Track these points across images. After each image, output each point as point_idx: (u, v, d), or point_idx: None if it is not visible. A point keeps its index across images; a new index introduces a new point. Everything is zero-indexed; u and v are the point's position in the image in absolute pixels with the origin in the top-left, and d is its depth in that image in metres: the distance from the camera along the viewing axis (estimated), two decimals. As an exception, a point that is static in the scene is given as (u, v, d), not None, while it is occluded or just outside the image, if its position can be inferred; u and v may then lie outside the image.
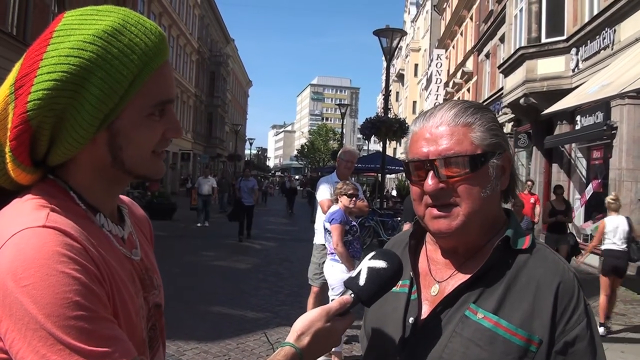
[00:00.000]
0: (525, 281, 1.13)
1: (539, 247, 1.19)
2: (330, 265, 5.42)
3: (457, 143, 1.14)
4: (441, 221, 1.15)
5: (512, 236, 1.16)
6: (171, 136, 1.05)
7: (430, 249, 1.29)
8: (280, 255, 12.84)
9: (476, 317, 1.11)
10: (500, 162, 1.18)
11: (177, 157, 38.06)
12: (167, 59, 1.03)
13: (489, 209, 1.17)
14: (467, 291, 1.14)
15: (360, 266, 1.14)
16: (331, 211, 5.39)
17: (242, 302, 7.98)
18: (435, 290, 1.21)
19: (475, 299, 1.13)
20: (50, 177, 1.02)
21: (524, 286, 1.12)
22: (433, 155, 1.15)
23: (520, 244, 1.18)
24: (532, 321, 1.09)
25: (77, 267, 0.88)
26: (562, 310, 1.10)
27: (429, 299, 1.21)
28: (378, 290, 1.11)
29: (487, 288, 1.13)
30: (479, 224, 1.17)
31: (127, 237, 1.11)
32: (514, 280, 1.13)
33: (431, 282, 1.23)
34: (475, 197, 1.14)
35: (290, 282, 9.58)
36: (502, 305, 1.11)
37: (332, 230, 5.29)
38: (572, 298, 1.11)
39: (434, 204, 1.16)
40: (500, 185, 1.19)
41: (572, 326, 1.09)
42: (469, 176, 1.13)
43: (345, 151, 6.33)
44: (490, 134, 1.16)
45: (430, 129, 1.17)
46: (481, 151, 1.14)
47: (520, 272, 1.14)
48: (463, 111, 1.17)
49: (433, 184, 1.14)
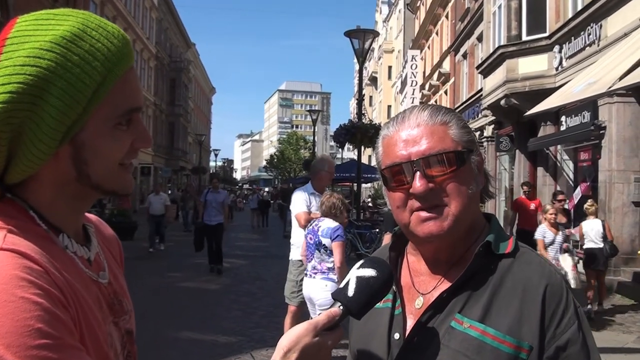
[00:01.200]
0: (511, 286, 1.15)
1: (523, 251, 1.22)
2: (324, 284, 5.36)
3: (440, 141, 1.17)
4: (431, 223, 1.17)
5: (493, 241, 1.19)
6: (140, 146, 1.05)
7: (412, 260, 1.32)
8: (252, 274, 12.82)
9: (462, 327, 1.14)
10: (477, 157, 1.22)
11: (136, 171, 37.58)
12: (132, 64, 1.03)
13: (475, 209, 1.22)
14: (451, 300, 1.17)
15: (349, 276, 1.14)
16: (332, 227, 5.35)
17: (214, 326, 7.91)
18: (419, 303, 1.24)
19: (460, 309, 1.16)
20: (8, 196, 1.00)
21: (510, 291, 1.15)
22: (416, 156, 1.17)
23: (503, 249, 1.20)
24: (521, 327, 1.11)
25: (38, 291, 0.86)
26: (551, 314, 1.12)
27: (414, 313, 1.23)
28: (368, 301, 1.11)
29: (472, 296, 1.16)
30: (467, 223, 1.20)
31: (94, 259, 1.10)
32: (498, 286, 1.16)
33: (415, 295, 1.26)
34: (464, 194, 1.17)
35: (264, 302, 9.55)
36: (488, 313, 1.14)
37: (335, 247, 5.27)
38: (560, 301, 1.13)
39: (422, 207, 1.17)
40: (481, 182, 1.23)
41: (562, 330, 1.12)
42: (456, 174, 1.17)
43: (326, 160, 6.40)
44: (466, 131, 1.21)
45: (407, 130, 1.20)
46: (462, 147, 1.18)
47: (504, 277, 1.17)
48: (436, 111, 1.21)
49: (422, 185, 1.15)
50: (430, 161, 1.16)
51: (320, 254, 5.38)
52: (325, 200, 5.48)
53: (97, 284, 1.06)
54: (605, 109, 11.54)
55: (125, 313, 1.13)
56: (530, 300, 1.13)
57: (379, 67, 61.84)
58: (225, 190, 18.90)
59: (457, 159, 1.17)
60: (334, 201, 5.41)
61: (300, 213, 5.99)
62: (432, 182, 1.16)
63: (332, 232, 5.29)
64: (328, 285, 5.31)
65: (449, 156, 1.16)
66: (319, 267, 5.40)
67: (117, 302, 1.11)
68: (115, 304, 1.10)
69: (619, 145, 11.31)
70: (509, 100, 15.26)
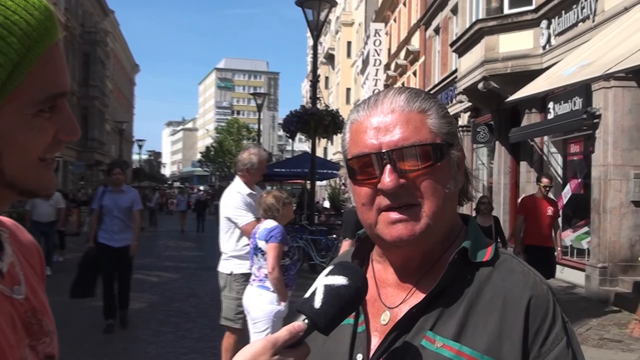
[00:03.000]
0: (490, 298, 1.18)
1: (504, 258, 1.25)
2: (258, 293, 5.51)
3: (415, 131, 1.19)
4: (401, 226, 1.19)
5: (470, 247, 1.22)
6: (66, 138, 1.04)
7: (378, 268, 1.34)
8: (184, 290, 12.78)
9: (434, 346, 1.16)
10: (457, 153, 1.25)
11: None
12: (57, 40, 1.02)
13: (452, 211, 1.25)
14: (422, 315, 1.19)
15: (315, 284, 1.15)
16: (268, 227, 5.47)
17: (138, 353, 7.87)
18: (385, 318, 1.26)
19: (432, 325, 1.18)
20: None
21: (488, 304, 1.18)
22: (387, 147, 1.19)
23: (481, 256, 1.23)
24: (501, 345, 1.13)
25: None
26: (535, 329, 1.15)
27: (379, 330, 1.25)
28: (338, 314, 1.12)
29: (445, 310, 1.19)
30: (444, 228, 1.24)
31: (7, 270, 1.09)
32: (475, 298, 1.19)
33: (381, 309, 1.28)
34: (440, 194, 1.20)
35: (199, 324, 9.57)
36: (464, 330, 1.16)
37: (269, 250, 5.38)
38: (546, 314, 1.16)
39: (392, 206, 1.19)
40: (460, 182, 1.27)
41: (549, 348, 1.14)
42: (432, 170, 1.19)
43: (255, 154, 6.34)
44: (447, 122, 1.24)
45: (379, 116, 1.22)
46: (441, 140, 1.21)
47: (482, 288, 1.20)
48: (414, 96, 1.23)
49: (392, 180, 1.17)
50: (404, 153, 1.18)
51: (258, 259, 5.54)
52: (261, 202, 5.64)
53: (11, 300, 1.06)
54: (600, 95, 11.82)
55: (45, 335, 1.13)
56: (511, 314, 1.16)
57: (337, 43, 62.06)
58: (144, 190, 18.37)
59: (434, 153, 1.19)
60: (269, 202, 5.57)
61: (251, 224, 6.00)
62: (404, 177, 1.18)
63: (267, 233, 5.43)
64: (263, 295, 5.47)
65: (424, 149, 1.19)
66: (257, 274, 5.57)
67: (35, 321, 1.10)
68: (34, 324, 1.10)
69: (616, 136, 11.60)
70: (488, 83, 15.51)
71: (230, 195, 6.26)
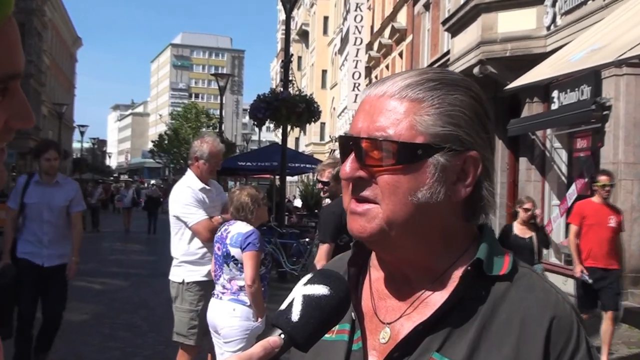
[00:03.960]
0: (506, 318, 1.20)
1: (523, 272, 1.27)
2: (230, 308, 5.45)
3: (393, 123, 1.23)
4: (356, 219, 1.26)
5: (485, 258, 1.24)
6: (18, 126, 1.03)
7: (375, 277, 1.37)
8: (134, 300, 12.76)
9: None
10: (452, 161, 1.24)
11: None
12: (9, 13, 0.99)
13: (428, 221, 1.25)
14: (428, 335, 1.20)
15: (292, 295, 1.16)
16: (243, 232, 5.43)
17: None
18: (385, 336, 1.28)
19: (439, 346, 1.19)
20: None
21: (504, 325, 1.19)
22: (364, 133, 1.25)
23: (497, 269, 1.25)
24: None
25: None
26: (556, 355, 1.16)
27: (377, 349, 1.28)
28: (318, 328, 1.13)
29: (455, 330, 1.20)
30: (412, 237, 1.25)
31: None
32: (490, 317, 1.20)
33: (379, 326, 1.31)
34: (400, 199, 1.22)
35: (151, 339, 9.60)
36: (476, 353, 1.17)
37: (246, 259, 5.34)
38: (569, 338, 1.18)
39: (353, 196, 1.27)
40: (453, 194, 1.25)
41: None
42: (394, 169, 1.22)
43: (207, 143, 6.33)
44: (445, 121, 1.23)
45: (373, 99, 1.28)
46: (423, 140, 1.22)
47: (498, 306, 1.22)
48: (422, 82, 1.25)
49: (349, 169, 1.25)
50: (371, 145, 1.23)
51: (230, 269, 5.47)
52: (233, 199, 5.57)
53: None
54: (610, 83, 11.92)
55: None
56: (530, 337, 1.16)
57: (312, 18, 61.99)
58: (86, 183, 18.10)
59: (402, 154, 1.21)
60: (243, 200, 5.52)
61: (202, 223, 5.97)
62: (365, 170, 1.24)
63: (243, 240, 5.38)
64: (237, 310, 5.41)
65: (392, 146, 1.22)
66: (229, 286, 5.50)
67: None
68: None
69: (628, 130, 11.71)
70: (485, 67, 15.56)
71: (179, 191, 6.19)
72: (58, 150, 7.43)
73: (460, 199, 1.27)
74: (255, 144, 45.12)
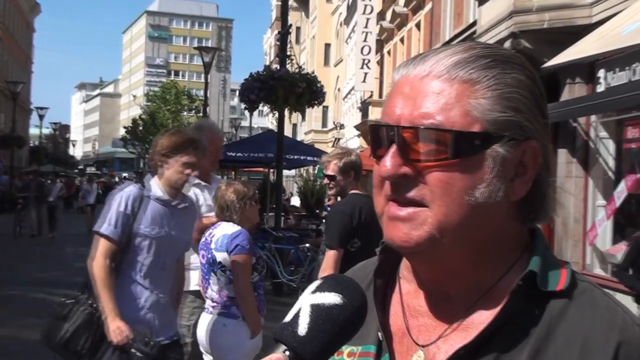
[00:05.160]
0: (564, 342, 1.18)
1: (583, 288, 1.25)
2: (220, 324, 5.45)
3: (444, 109, 1.20)
4: (398, 226, 1.23)
5: (539, 270, 1.22)
6: None
7: (407, 290, 1.37)
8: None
9: None
10: (512, 153, 1.23)
11: None
12: None
13: (484, 226, 1.24)
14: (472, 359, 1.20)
15: (299, 304, 1.16)
16: (228, 233, 5.41)
17: None
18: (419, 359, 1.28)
19: None
20: None
21: (562, 350, 1.18)
22: (405, 121, 1.22)
23: (553, 284, 1.23)
24: None
25: None
26: None
27: None
28: (329, 343, 1.13)
29: (503, 355, 1.19)
30: (466, 245, 1.24)
31: None
32: (544, 341, 1.19)
33: (411, 347, 1.30)
34: (454, 200, 1.20)
35: None
36: None
37: (235, 265, 5.34)
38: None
39: (394, 198, 1.24)
40: (512, 192, 1.25)
41: None
42: (449, 164, 1.20)
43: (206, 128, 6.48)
44: (505, 105, 1.22)
45: (413, 80, 1.25)
46: (480, 128, 1.21)
47: (554, 327, 1.20)
48: (473, 60, 1.23)
49: (392, 166, 1.22)
50: (419, 135, 1.21)
51: (218, 278, 5.47)
52: (217, 197, 5.62)
53: None
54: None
55: None
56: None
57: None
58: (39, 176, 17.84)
59: (457, 145, 1.19)
60: (228, 198, 5.53)
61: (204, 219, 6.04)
62: (410, 165, 1.21)
63: (229, 242, 5.38)
64: (228, 326, 5.44)
65: (444, 136, 1.19)
66: (217, 298, 5.50)
67: None
68: None
69: (690, 117, 11.63)
70: (518, 42, 15.52)
71: None
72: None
73: (519, 197, 1.26)
74: (245, 131, 45.21)
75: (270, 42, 76.34)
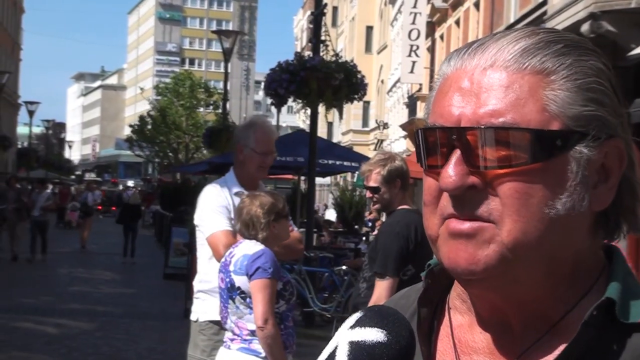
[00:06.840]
0: None
1: None
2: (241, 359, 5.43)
3: (516, 105, 1.18)
4: (460, 247, 1.20)
5: (618, 298, 1.19)
6: None
7: (458, 322, 1.36)
8: (102, 349, 12.86)
9: None
10: (597, 154, 1.21)
11: None
12: None
13: (565, 244, 1.21)
14: None
15: (335, 341, 1.17)
16: (249, 253, 5.40)
17: None
18: None
19: None
20: None
21: None
22: (467, 122, 1.19)
23: (636, 314, 1.20)
24: None
25: None
26: None
27: None
28: None
29: None
30: (543, 268, 1.21)
31: None
32: None
33: None
34: (534, 214, 1.17)
35: None
36: None
37: (255, 290, 5.32)
38: None
39: (456, 215, 1.21)
40: (595, 201, 1.22)
41: None
42: (528, 170, 1.17)
43: (257, 125, 6.44)
44: (587, 97, 1.20)
45: (473, 72, 1.22)
46: (560, 126, 1.19)
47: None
48: (541, 46, 1.21)
49: (457, 176, 1.18)
50: (486, 138, 1.17)
51: (236, 306, 5.48)
52: (239, 212, 5.61)
53: None
54: None
55: None
56: None
57: (352, -45, 62.22)
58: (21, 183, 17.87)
59: (537, 148, 1.17)
60: (253, 212, 5.50)
61: (218, 234, 5.95)
62: (478, 175, 1.18)
63: (250, 263, 5.36)
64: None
65: (521, 137, 1.16)
66: (237, 330, 5.49)
67: None
68: None
69: None
70: (599, 24, 15.51)
71: (205, 191, 6.34)
72: None
73: (604, 206, 1.23)
74: (272, 130, 45.25)
75: (302, 25, 76.65)
